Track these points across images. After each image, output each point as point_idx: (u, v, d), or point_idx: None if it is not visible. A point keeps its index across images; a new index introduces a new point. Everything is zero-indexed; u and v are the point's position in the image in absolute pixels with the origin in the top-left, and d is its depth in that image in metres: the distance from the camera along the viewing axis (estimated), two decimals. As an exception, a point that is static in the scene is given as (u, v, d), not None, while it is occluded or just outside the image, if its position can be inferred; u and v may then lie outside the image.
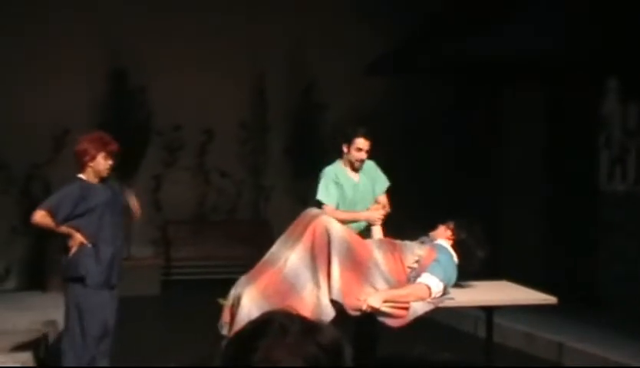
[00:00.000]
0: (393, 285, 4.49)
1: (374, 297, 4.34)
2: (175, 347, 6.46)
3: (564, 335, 6.30)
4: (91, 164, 4.72)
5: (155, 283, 9.11)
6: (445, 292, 4.52)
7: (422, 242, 4.77)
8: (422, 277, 4.46)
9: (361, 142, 5.03)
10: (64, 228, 4.71)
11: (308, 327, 1.16)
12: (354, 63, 9.62)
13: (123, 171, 9.29)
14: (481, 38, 8.22)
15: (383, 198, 5.17)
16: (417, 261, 4.56)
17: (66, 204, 4.68)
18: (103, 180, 4.82)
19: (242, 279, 4.46)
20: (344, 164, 5.13)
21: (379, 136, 5.22)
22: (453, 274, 4.61)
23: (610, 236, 7.37)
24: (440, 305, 4.58)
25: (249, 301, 4.25)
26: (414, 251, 4.65)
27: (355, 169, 5.12)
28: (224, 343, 1.22)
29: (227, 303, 4.40)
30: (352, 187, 5.12)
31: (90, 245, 4.66)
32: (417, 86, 9.67)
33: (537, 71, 8.25)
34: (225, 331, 4.33)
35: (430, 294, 4.42)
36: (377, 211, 4.93)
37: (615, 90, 7.50)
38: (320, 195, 5.08)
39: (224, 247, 9.44)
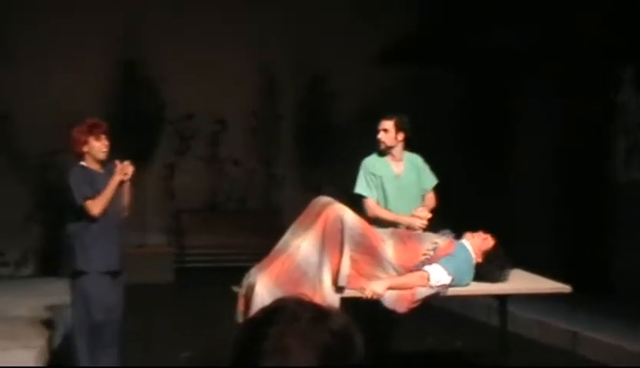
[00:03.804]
0: (401, 274, 4.48)
1: (377, 284, 4.34)
2: (187, 335, 6.50)
3: (578, 324, 6.28)
4: (86, 150, 4.69)
5: (168, 271, 9.17)
6: (452, 285, 4.48)
7: (443, 234, 4.75)
8: (428, 266, 4.44)
9: (381, 123, 5.02)
10: (110, 186, 4.64)
11: (320, 314, 1.16)
12: (365, 51, 9.59)
13: (137, 160, 9.35)
14: (493, 30, 8.17)
15: (430, 197, 5.12)
16: (433, 249, 4.53)
17: (84, 184, 4.67)
18: (104, 165, 4.76)
19: (255, 268, 4.47)
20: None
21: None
22: (466, 274, 4.57)
23: (624, 225, 7.32)
24: (454, 294, 4.56)
25: (261, 289, 4.26)
26: (432, 239, 4.63)
27: (385, 154, 5.04)
28: (237, 332, 1.23)
29: (241, 291, 4.41)
30: (392, 180, 5.03)
31: (97, 232, 4.64)
32: (427, 76, 9.62)
33: (550, 62, 8.19)
34: (241, 320, 4.35)
35: (427, 281, 4.40)
36: (419, 219, 4.87)
37: (631, 79, 7.43)
38: (358, 188, 5.00)
39: (236, 235, 9.48)
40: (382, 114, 5.19)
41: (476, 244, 4.66)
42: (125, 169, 4.71)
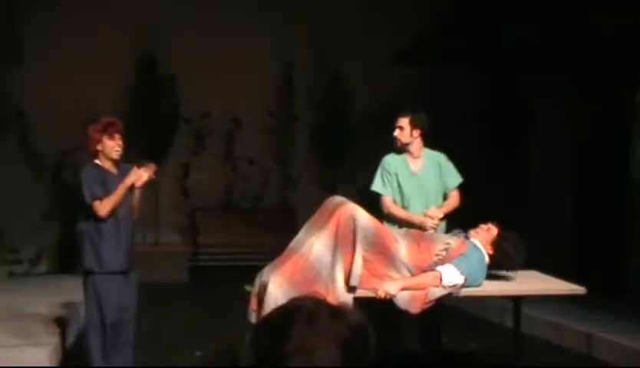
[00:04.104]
0: (415, 274, 4.47)
1: (390, 284, 4.33)
2: (202, 333, 6.51)
3: (593, 326, 6.23)
4: (100, 148, 4.71)
5: (182, 269, 9.19)
6: (465, 286, 4.47)
7: (454, 234, 4.74)
8: (440, 266, 4.43)
9: (397, 120, 5.05)
10: (121, 188, 4.66)
11: (336, 311, 1.17)
12: (381, 51, 9.57)
13: (152, 158, 9.39)
14: (510, 29, 8.13)
15: (453, 195, 5.12)
16: (445, 249, 4.52)
17: (95, 184, 4.69)
18: (118, 165, 4.78)
19: (268, 267, 4.47)
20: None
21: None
22: (479, 275, 4.55)
23: (640, 226, 7.26)
24: (468, 294, 4.55)
25: (275, 288, 4.26)
26: (445, 239, 4.62)
27: (403, 152, 5.08)
28: (251, 330, 1.22)
29: (254, 290, 4.41)
30: (408, 177, 5.07)
31: (108, 230, 4.68)
32: (444, 75, 9.58)
33: (568, 60, 8.13)
34: (253, 319, 4.35)
35: (440, 281, 4.39)
36: (429, 220, 4.91)
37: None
38: (374, 186, 5.09)
39: (251, 234, 9.49)
40: (398, 113, 5.21)
41: (483, 237, 4.65)
42: (140, 174, 4.71)
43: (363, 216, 4.45)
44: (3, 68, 8.83)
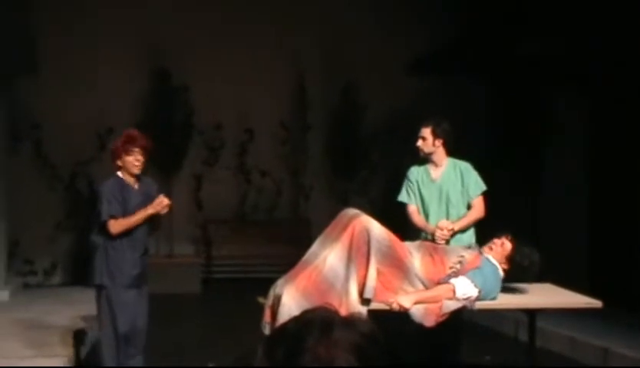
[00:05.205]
0: (429, 287, 4.45)
1: (404, 298, 4.31)
2: (214, 345, 6.50)
3: (610, 340, 6.16)
4: (120, 164, 4.72)
5: (195, 281, 9.20)
6: (479, 299, 4.44)
7: (468, 247, 4.71)
8: (454, 278, 4.41)
9: (421, 131, 5.12)
10: (140, 215, 4.70)
11: (348, 320, 1.17)
12: (394, 62, 9.57)
13: (165, 169, 9.44)
14: (523, 39, 8.12)
15: (475, 204, 5.14)
16: (459, 262, 4.50)
17: (114, 201, 4.71)
18: (139, 178, 4.80)
19: (282, 279, 4.47)
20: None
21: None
22: (494, 288, 4.52)
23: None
24: (483, 307, 4.52)
25: (289, 300, 4.25)
26: (459, 252, 4.60)
27: (427, 162, 5.15)
28: (264, 341, 1.22)
29: (267, 302, 4.41)
30: (428, 184, 5.15)
31: (122, 245, 4.70)
32: (456, 86, 9.56)
33: (581, 69, 8.10)
34: (267, 331, 4.34)
35: (454, 294, 4.36)
36: (442, 232, 4.94)
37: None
38: (400, 196, 5.21)
39: (264, 246, 9.48)
40: (413, 125, 5.25)
41: (497, 253, 4.62)
42: (162, 205, 4.71)
43: (377, 228, 4.44)
44: (18, 80, 8.91)
